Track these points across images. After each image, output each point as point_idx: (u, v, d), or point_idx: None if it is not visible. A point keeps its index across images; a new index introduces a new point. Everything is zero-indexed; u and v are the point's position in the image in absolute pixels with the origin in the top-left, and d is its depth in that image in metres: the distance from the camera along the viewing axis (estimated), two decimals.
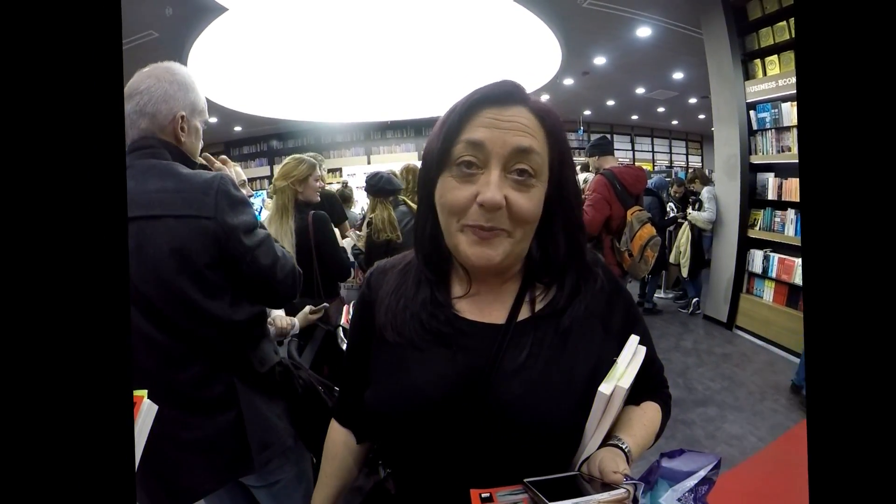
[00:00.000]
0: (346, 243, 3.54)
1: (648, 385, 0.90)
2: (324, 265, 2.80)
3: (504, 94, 0.76)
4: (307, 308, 1.94)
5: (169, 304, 1.19)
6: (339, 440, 1.00)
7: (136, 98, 1.24)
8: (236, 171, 2.42)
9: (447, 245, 0.80)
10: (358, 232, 3.72)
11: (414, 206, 3.32)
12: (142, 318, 1.18)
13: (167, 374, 1.22)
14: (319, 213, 2.80)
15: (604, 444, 0.76)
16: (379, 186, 3.34)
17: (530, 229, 0.78)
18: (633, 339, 0.81)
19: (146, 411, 0.82)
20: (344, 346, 2.29)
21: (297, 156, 2.86)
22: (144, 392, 0.85)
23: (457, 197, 0.74)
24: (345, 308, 2.48)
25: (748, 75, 5.01)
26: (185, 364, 1.23)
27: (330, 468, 1.00)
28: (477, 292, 0.84)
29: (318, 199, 2.87)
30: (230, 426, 1.27)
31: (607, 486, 0.67)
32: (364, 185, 3.54)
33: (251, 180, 2.97)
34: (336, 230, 3.76)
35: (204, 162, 1.46)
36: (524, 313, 0.82)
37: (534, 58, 7.98)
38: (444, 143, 0.76)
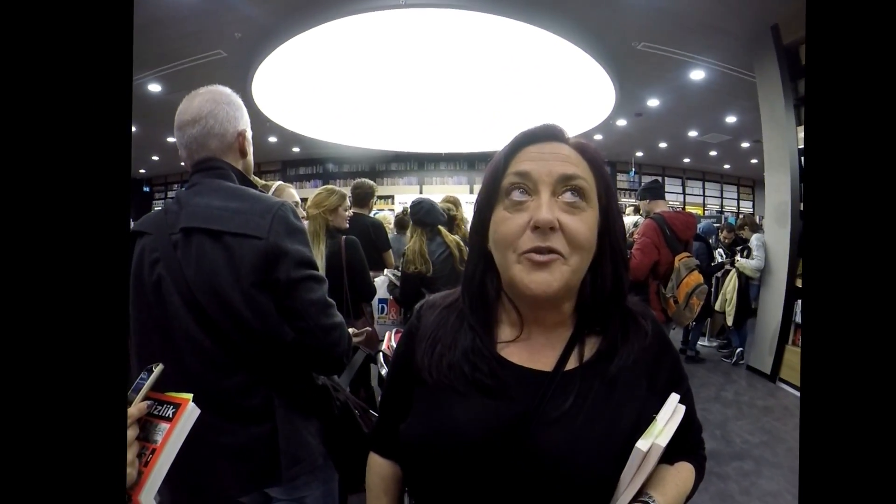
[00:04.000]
0: (381, 281, 3.56)
1: (685, 445, 0.89)
2: (354, 287, 2.96)
3: (543, 132, 0.82)
4: (350, 330, 2.00)
5: (220, 315, 1.23)
6: (387, 475, 0.97)
7: (200, 122, 1.33)
8: (289, 193, 2.50)
9: (505, 282, 0.82)
10: (395, 272, 3.69)
11: (451, 236, 3.35)
12: (194, 323, 1.24)
13: (212, 379, 1.25)
14: (351, 237, 2.98)
15: (634, 500, 0.75)
16: (419, 216, 3.30)
17: (586, 256, 0.78)
18: (674, 398, 0.81)
19: (189, 413, 0.87)
20: (383, 372, 2.38)
21: (329, 187, 3.07)
22: (190, 395, 0.91)
23: (510, 226, 0.77)
24: (386, 335, 2.54)
25: (801, 120, 4.90)
26: (231, 372, 1.26)
27: None
28: (528, 336, 0.84)
29: (347, 225, 3.05)
30: (264, 437, 1.28)
31: None
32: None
33: (304, 200, 3.16)
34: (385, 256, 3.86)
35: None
36: (572, 363, 0.82)
37: (588, 98, 8.00)
38: (494, 181, 0.81)
